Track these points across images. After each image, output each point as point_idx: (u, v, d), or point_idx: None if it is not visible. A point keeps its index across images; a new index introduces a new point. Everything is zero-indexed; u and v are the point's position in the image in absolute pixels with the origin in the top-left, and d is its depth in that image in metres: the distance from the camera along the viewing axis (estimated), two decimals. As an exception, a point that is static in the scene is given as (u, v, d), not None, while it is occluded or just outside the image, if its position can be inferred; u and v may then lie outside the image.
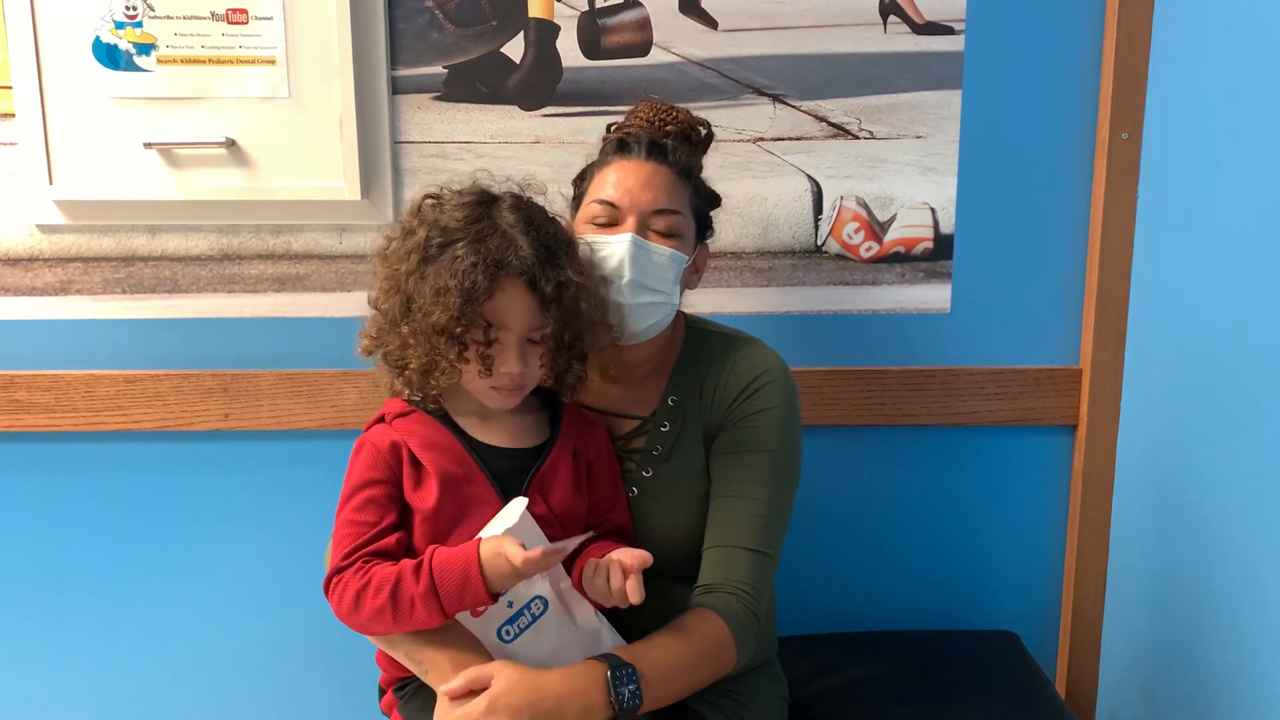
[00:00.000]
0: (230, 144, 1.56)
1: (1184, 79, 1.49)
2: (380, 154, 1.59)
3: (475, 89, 1.59)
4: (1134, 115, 1.57)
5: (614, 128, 1.35)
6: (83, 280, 1.63)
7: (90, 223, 1.61)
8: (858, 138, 1.61)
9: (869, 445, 1.70)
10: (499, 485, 1.19)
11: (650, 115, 1.33)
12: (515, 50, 1.58)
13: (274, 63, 1.55)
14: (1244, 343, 1.36)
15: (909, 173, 1.62)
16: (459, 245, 1.13)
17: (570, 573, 1.21)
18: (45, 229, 1.61)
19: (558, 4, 1.57)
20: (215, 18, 1.53)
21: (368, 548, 1.15)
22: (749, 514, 1.27)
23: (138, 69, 1.54)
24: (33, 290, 1.63)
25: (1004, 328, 1.67)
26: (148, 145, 1.55)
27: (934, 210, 1.63)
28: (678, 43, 1.59)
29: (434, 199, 1.21)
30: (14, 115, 1.55)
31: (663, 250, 1.25)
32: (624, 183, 1.26)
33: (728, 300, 1.64)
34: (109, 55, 1.54)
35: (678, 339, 1.36)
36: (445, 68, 1.59)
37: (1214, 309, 1.42)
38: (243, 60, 1.54)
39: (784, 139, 1.61)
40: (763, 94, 1.60)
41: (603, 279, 1.24)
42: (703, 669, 1.20)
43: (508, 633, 1.16)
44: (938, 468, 1.72)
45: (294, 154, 1.57)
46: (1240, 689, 1.36)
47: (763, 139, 1.61)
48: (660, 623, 1.22)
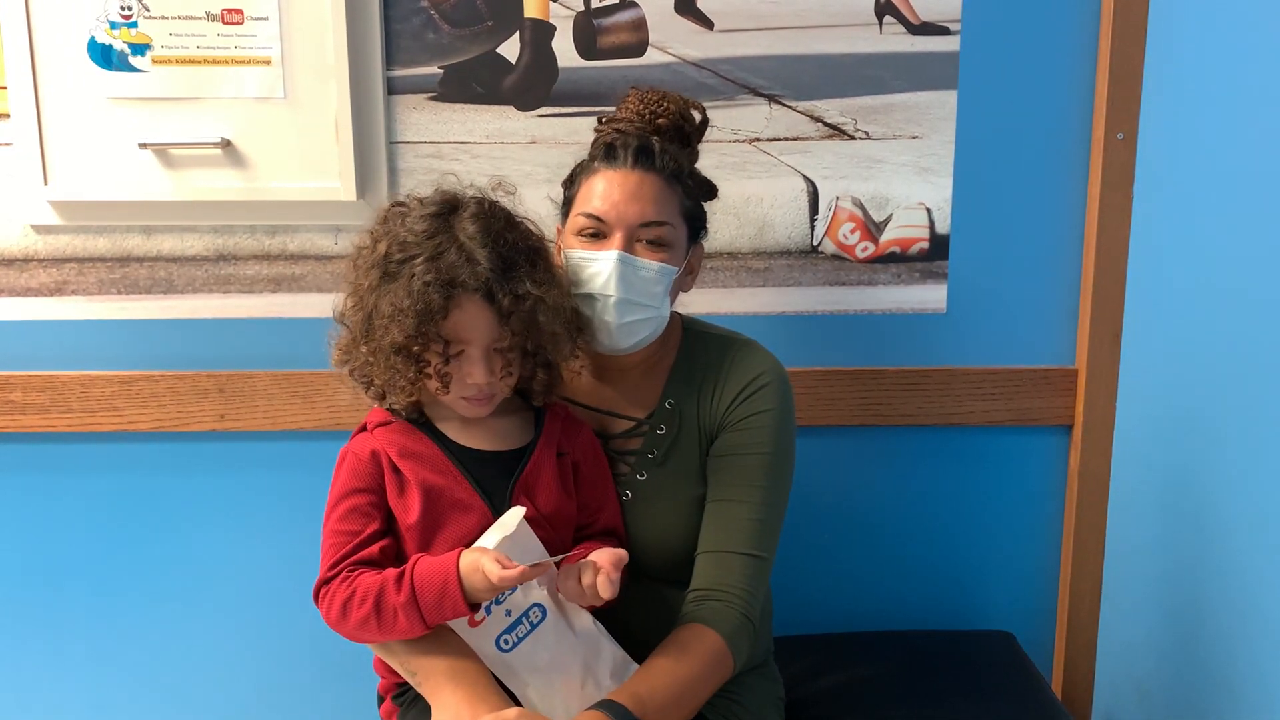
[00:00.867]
0: (226, 144, 1.56)
1: (1179, 79, 1.49)
2: (376, 154, 1.59)
3: (471, 89, 1.59)
4: (1129, 116, 1.58)
5: (604, 120, 1.33)
6: (78, 281, 1.63)
7: (85, 223, 1.60)
8: (853, 138, 1.61)
9: (865, 445, 1.70)
10: (482, 489, 1.19)
11: (640, 107, 1.30)
12: (511, 50, 1.58)
13: (269, 63, 1.54)
14: (1239, 342, 1.36)
15: (905, 173, 1.62)
16: (416, 261, 1.13)
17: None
18: (40, 229, 1.61)
19: (553, 4, 1.57)
20: (210, 18, 1.53)
21: (352, 557, 1.16)
22: (744, 518, 1.26)
23: (133, 69, 1.54)
24: (28, 291, 1.63)
25: (1000, 328, 1.67)
26: (143, 146, 1.55)
27: (930, 210, 1.63)
28: (673, 43, 1.59)
29: (400, 206, 1.20)
30: (9, 116, 1.55)
31: (650, 265, 1.24)
32: (610, 195, 1.24)
33: (723, 300, 1.64)
34: (104, 55, 1.54)
35: (674, 340, 1.36)
36: (441, 68, 1.59)
37: (1209, 309, 1.42)
38: (238, 60, 1.54)
39: (780, 139, 1.61)
40: (758, 94, 1.60)
41: (586, 295, 1.24)
42: (704, 689, 1.20)
43: (506, 642, 1.16)
44: (934, 468, 1.72)
45: (289, 154, 1.57)
46: (1236, 688, 1.36)
47: (758, 139, 1.61)
48: (655, 627, 1.22)
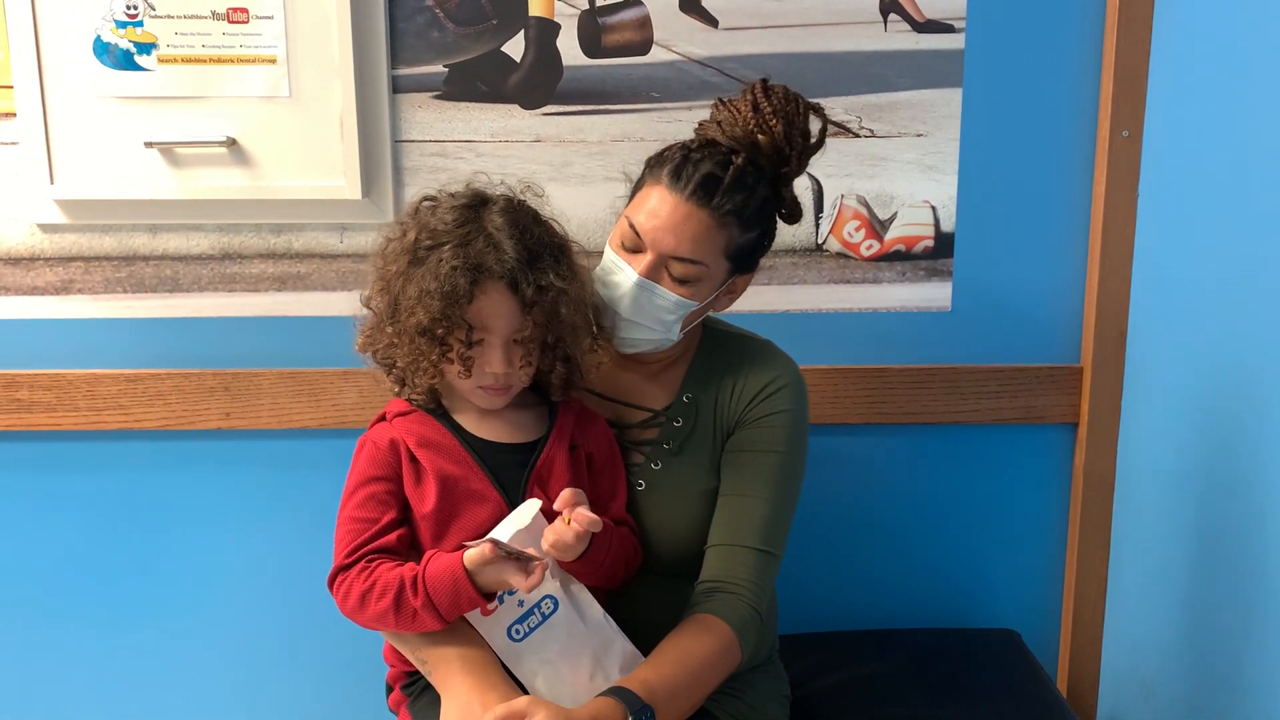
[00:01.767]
0: (231, 143, 1.56)
1: (1184, 77, 1.49)
2: (381, 153, 1.59)
3: (476, 88, 1.59)
4: (1134, 113, 1.57)
5: (716, 105, 1.27)
6: (84, 279, 1.63)
7: (91, 222, 1.61)
8: (858, 136, 1.61)
9: (870, 444, 1.70)
10: (497, 481, 1.21)
11: (749, 114, 1.24)
12: (516, 49, 1.58)
13: (275, 62, 1.55)
14: (1244, 340, 1.36)
15: (910, 171, 1.62)
16: (445, 248, 1.15)
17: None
18: (46, 228, 1.61)
19: (558, 3, 1.57)
20: (216, 17, 1.53)
21: (370, 545, 1.17)
22: (755, 513, 1.27)
23: (138, 68, 1.54)
24: (34, 290, 1.63)
25: (1005, 326, 1.67)
26: (148, 144, 1.55)
27: (935, 208, 1.63)
28: (678, 41, 1.59)
29: (430, 200, 1.22)
30: (15, 115, 1.55)
31: (668, 296, 1.24)
32: (655, 216, 1.23)
33: (728, 299, 1.64)
34: (110, 54, 1.54)
35: (694, 337, 1.36)
36: (446, 66, 1.59)
37: (1214, 306, 1.42)
38: (243, 59, 1.54)
39: (784, 137, 1.61)
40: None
41: (606, 298, 1.26)
42: (712, 679, 1.20)
43: (517, 631, 1.16)
44: (939, 466, 1.71)
45: (295, 153, 1.57)
46: (1242, 686, 1.36)
47: (763, 137, 1.61)
48: (663, 619, 1.23)
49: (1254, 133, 1.34)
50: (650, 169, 1.28)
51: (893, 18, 1.59)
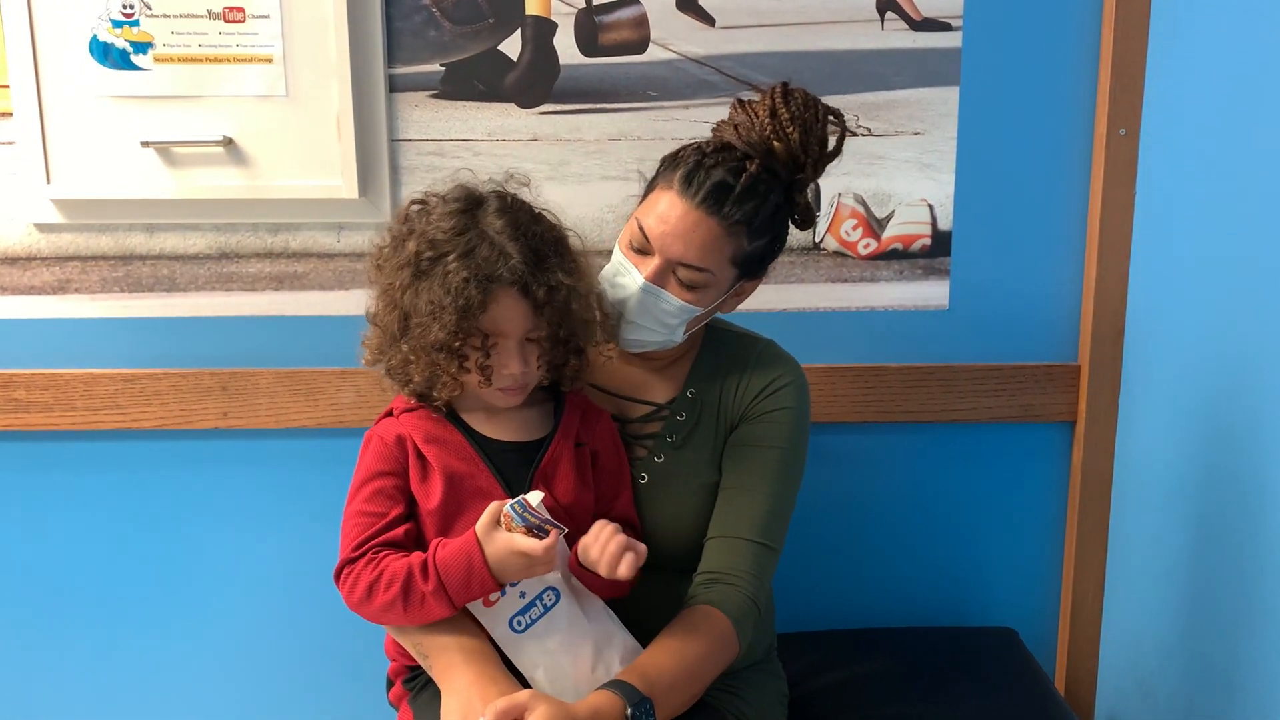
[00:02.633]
0: (228, 142, 1.56)
1: (1182, 75, 1.49)
2: (378, 152, 1.59)
3: (473, 87, 1.59)
4: (1132, 111, 1.57)
5: (735, 106, 1.26)
6: (81, 279, 1.63)
7: (88, 221, 1.61)
8: (855, 134, 1.60)
9: (867, 442, 1.70)
10: (503, 479, 1.21)
11: (767, 120, 1.23)
12: (513, 48, 1.58)
13: (271, 61, 1.54)
14: (1242, 338, 1.36)
15: (907, 169, 1.62)
16: (449, 259, 1.14)
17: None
18: (43, 228, 1.61)
19: (555, 1, 1.57)
20: (212, 16, 1.53)
21: (378, 539, 1.17)
22: (755, 507, 1.28)
23: (135, 67, 1.54)
24: (30, 289, 1.63)
25: (1002, 324, 1.67)
26: (145, 144, 1.55)
27: (932, 207, 1.63)
28: (675, 40, 1.59)
29: (420, 204, 1.21)
30: (11, 114, 1.55)
31: (673, 301, 1.24)
32: (665, 221, 1.22)
33: (726, 297, 1.64)
34: (106, 54, 1.54)
35: (698, 334, 1.37)
36: (443, 65, 1.59)
37: (1212, 304, 1.42)
38: (240, 58, 1.54)
39: (782, 136, 1.61)
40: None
41: (613, 299, 1.26)
42: (710, 670, 1.21)
43: (519, 623, 1.17)
44: (936, 465, 1.72)
45: (292, 152, 1.57)
46: (1239, 684, 1.36)
47: (760, 136, 1.61)
48: (663, 613, 1.23)
49: (1251, 130, 1.34)
50: (663, 171, 1.27)
51: (890, 16, 1.59)
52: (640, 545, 1.15)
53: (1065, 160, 1.62)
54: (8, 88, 1.55)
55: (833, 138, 1.27)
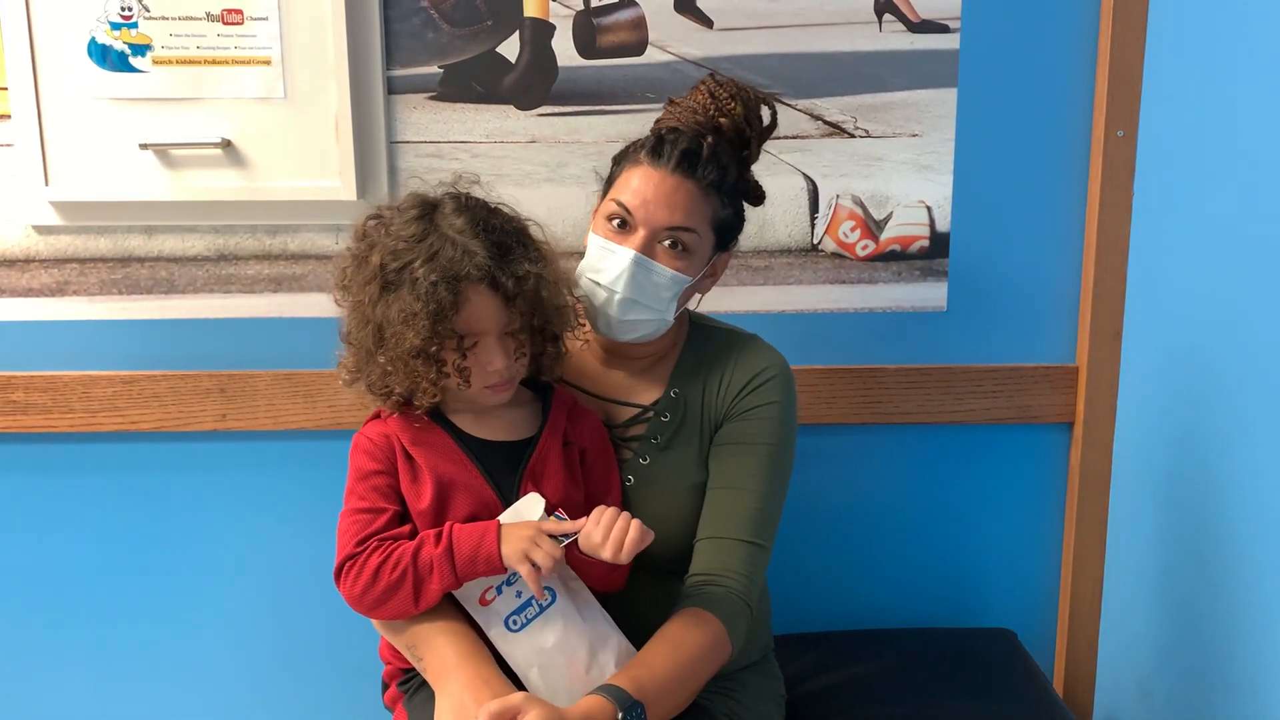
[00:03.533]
0: (226, 144, 1.56)
1: (1179, 76, 1.49)
2: (376, 154, 1.59)
3: (471, 89, 1.59)
4: (1129, 112, 1.58)
5: (672, 102, 1.33)
6: (79, 281, 1.63)
7: (86, 224, 1.61)
8: (853, 136, 1.61)
9: (866, 443, 1.70)
10: (492, 479, 1.21)
11: (707, 101, 1.29)
12: (511, 50, 1.58)
13: (269, 63, 1.54)
14: (1240, 339, 1.36)
15: (905, 171, 1.62)
16: (415, 265, 1.14)
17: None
18: (41, 230, 1.61)
19: (553, 3, 1.57)
20: (210, 18, 1.53)
21: (382, 534, 1.18)
22: (745, 506, 1.28)
23: (133, 70, 1.54)
24: (29, 291, 1.63)
25: (1000, 325, 1.67)
26: (143, 146, 1.55)
27: (930, 208, 1.63)
28: (673, 42, 1.59)
29: (376, 218, 1.21)
30: (9, 116, 1.55)
31: (665, 271, 1.25)
32: (643, 192, 1.25)
33: (724, 299, 1.64)
34: (104, 56, 1.54)
35: (681, 333, 1.37)
36: (441, 67, 1.59)
37: (1210, 305, 1.42)
38: (238, 61, 1.54)
39: (780, 138, 1.60)
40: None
41: (595, 284, 1.26)
42: (703, 673, 1.21)
43: (515, 622, 1.17)
44: (935, 466, 1.72)
45: (290, 154, 1.57)
46: (1237, 685, 1.37)
47: (758, 138, 1.61)
48: (653, 614, 1.23)
49: (1249, 132, 1.34)
50: (622, 159, 1.30)
51: (888, 18, 1.59)
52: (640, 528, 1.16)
53: (1063, 162, 1.62)
54: (6, 90, 1.55)
55: (766, 113, 1.32)
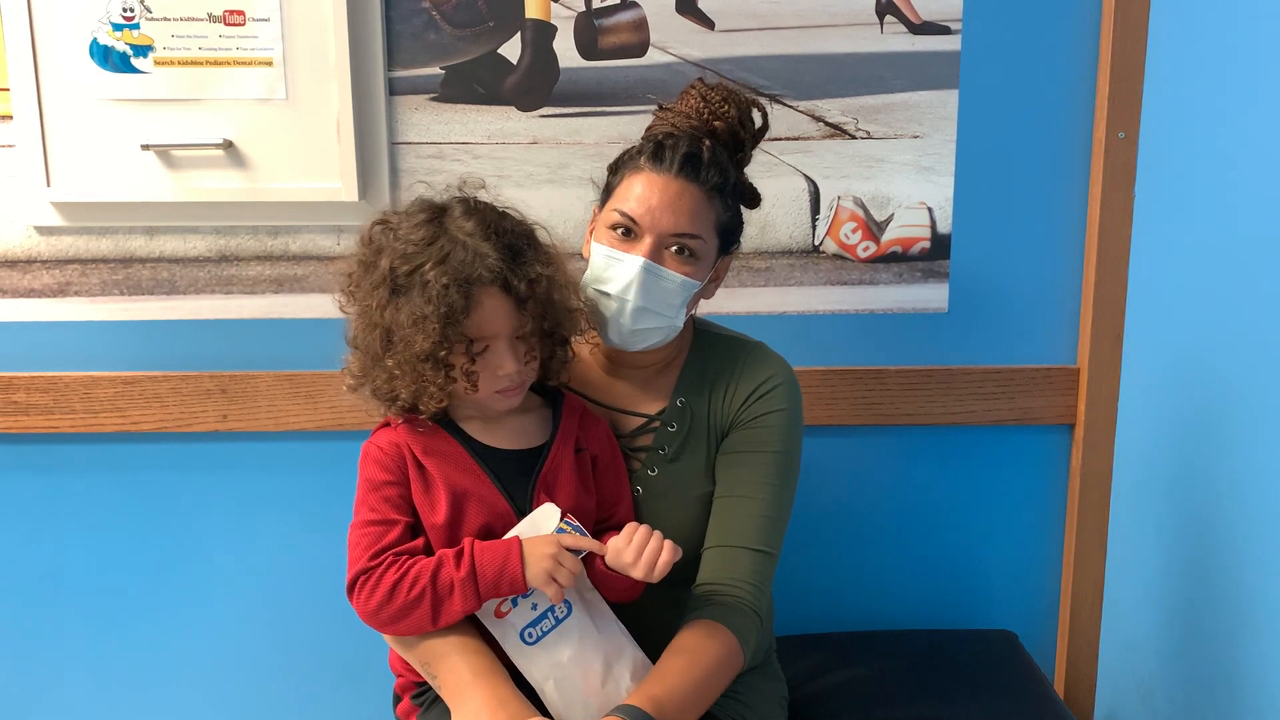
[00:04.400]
0: (228, 145, 1.56)
1: (1180, 78, 1.49)
2: (378, 155, 1.59)
3: (472, 90, 1.59)
4: (1130, 114, 1.58)
5: (663, 107, 1.32)
6: (81, 282, 1.63)
7: (88, 224, 1.61)
8: (855, 137, 1.62)
9: (867, 445, 1.70)
10: (505, 489, 1.20)
11: (700, 105, 1.28)
12: (512, 51, 1.59)
13: (271, 64, 1.55)
14: (1241, 341, 1.36)
15: (906, 172, 1.62)
16: (426, 269, 1.13)
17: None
18: (43, 231, 1.61)
19: (555, 5, 1.57)
20: (212, 19, 1.53)
21: (397, 546, 1.16)
22: (752, 514, 1.27)
23: (135, 70, 1.54)
24: (31, 292, 1.63)
25: (1001, 327, 1.67)
26: (145, 147, 1.55)
27: (931, 210, 1.63)
28: (674, 43, 1.59)
29: (382, 224, 1.20)
30: (11, 117, 1.56)
31: (674, 277, 1.24)
32: (648, 199, 1.24)
33: (725, 301, 1.64)
34: (106, 57, 1.54)
35: (686, 340, 1.36)
36: (442, 69, 1.59)
37: (1211, 307, 1.42)
38: (240, 62, 1.54)
39: (781, 139, 1.61)
40: (760, 94, 1.60)
41: (604, 294, 1.25)
42: (718, 686, 1.20)
43: (530, 635, 1.16)
44: (935, 467, 1.72)
45: (291, 155, 1.57)
46: (1238, 688, 1.36)
47: (760, 139, 1.61)
48: (664, 624, 1.23)
49: (1250, 134, 1.34)
50: (619, 167, 1.29)
51: (889, 19, 1.59)
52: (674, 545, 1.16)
53: (1064, 163, 1.62)
54: (8, 91, 1.55)
55: (758, 116, 1.32)
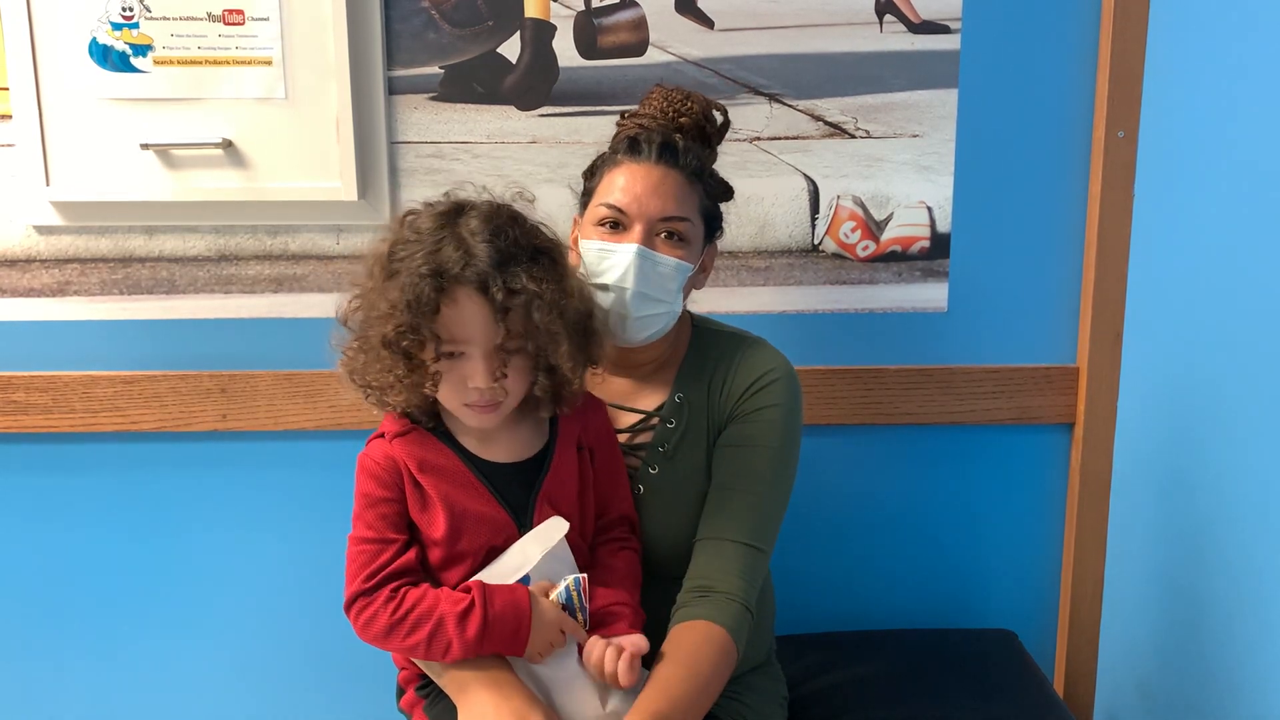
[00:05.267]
0: (227, 145, 1.56)
1: (1180, 77, 1.49)
2: (377, 154, 1.59)
3: (472, 89, 1.59)
4: (1130, 113, 1.58)
5: (626, 115, 1.34)
6: (80, 281, 1.63)
7: (87, 224, 1.61)
8: (854, 137, 1.62)
9: (866, 444, 1.70)
10: (506, 503, 1.18)
11: (664, 105, 1.31)
12: (511, 50, 1.59)
13: (270, 63, 1.55)
14: (1241, 340, 1.36)
15: (905, 172, 1.62)
16: (416, 257, 1.11)
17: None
18: (42, 230, 1.61)
19: (554, 4, 1.57)
20: (211, 19, 1.53)
21: (389, 568, 1.15)
22: (745, 508, 1.27)
23: (134, 70, 1.54)
24: (30, 291, 1.63)
25: (1001, 326, 1.67)
26: (144, 146, 1.55)
27: (930, 209, 1.63)
28: (674, 42, 1.59)
29: (411, 214, 1.19)
30: (10, 117, 1.56)
31: (668, 261, 1.25)
32: (632, 188, 1.25)
33: (725, 300, 1.64)
34: (105, 56, 1.54)
35: (684, 336, 1.37)
36: (442, 68, 1.59)
37: (1210, 306, 1.42)
38: (239, 61, 1.54)
39: (780, 138, 1.61)
40: (759, 93, 1.60)
41: (602, 286, 1.25)
42: (718, 687, 1.20)
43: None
44: (935, 467, 1.72)
45: (291, 154, 1.57)
46: (1237, 687, 1.36)
47: (759, 138, 1.61)
48: (662, 622, 1.23)
49: (1249, 133, 1.34)
50: (596, 169, 1.32)
51: (888, 19, 1.59)
52: (635, 645, 1.14)
53: (1063, 162, 1.62)
54: (7, 90, 1.55)
55: (719, 115, 1.35)
